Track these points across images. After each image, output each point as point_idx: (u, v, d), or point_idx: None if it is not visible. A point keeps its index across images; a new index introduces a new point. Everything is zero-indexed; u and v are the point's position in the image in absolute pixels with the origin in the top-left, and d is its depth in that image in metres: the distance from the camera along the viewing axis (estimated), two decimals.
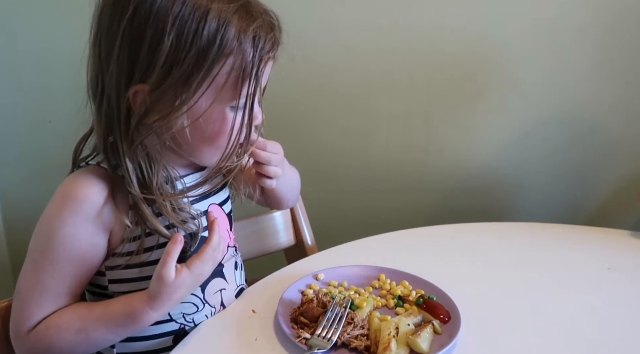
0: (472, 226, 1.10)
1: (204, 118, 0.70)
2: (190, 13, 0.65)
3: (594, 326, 0.81)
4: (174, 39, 0.65)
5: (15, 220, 1.39)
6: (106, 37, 0.68)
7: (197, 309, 0.82)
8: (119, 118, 0.69)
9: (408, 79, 1.36)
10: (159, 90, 0.67)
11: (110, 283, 0.78)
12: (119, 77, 0.68)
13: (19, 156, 1.34)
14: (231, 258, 0.88)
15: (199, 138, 0.72)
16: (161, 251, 0.74)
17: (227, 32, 0.66)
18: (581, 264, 0.98)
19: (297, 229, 1.13)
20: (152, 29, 0.65)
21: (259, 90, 0.71)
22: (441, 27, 1.31)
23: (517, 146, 1.44)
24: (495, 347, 0.77)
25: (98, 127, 0.72)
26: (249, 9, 0.69)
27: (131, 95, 0.68)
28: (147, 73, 0.66)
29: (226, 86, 0.69)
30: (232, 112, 0.71)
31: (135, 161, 0.71)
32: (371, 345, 0.74)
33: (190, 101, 0.68)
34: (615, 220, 1.47)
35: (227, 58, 0.67)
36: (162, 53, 0.65)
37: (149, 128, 0.69)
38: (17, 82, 1.28)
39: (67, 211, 0.71)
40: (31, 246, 0.73)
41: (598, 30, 1.31)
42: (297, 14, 1.27)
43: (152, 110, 0.68)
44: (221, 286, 0.85)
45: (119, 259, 0.75)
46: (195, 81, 0.67)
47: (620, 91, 1.37)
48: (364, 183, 1.47)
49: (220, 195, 0.87)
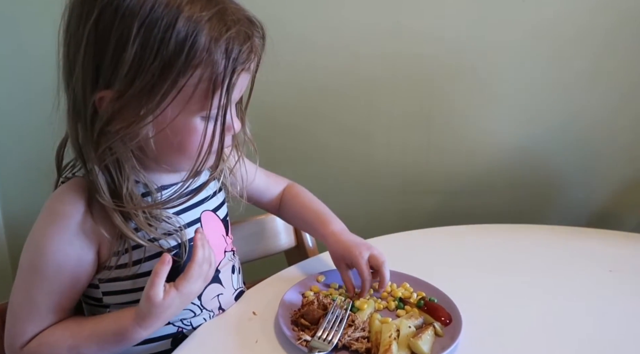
0: (473, 228, 1.10)
1: (171, 128, 0.67)
2: (157, 19, 0.61)
3: (596, 328, 0.81)
4: (139, 47, 0.61)
5: (16, 221, 1.39)
6: (73, 38, 0.65)
7: (195, 315, 0.81)
8: (85, 122, 0.67)
9: (409, 81, 1.36)
10: (122, 99, 0.64)
11: (104, 295, 0.77)
12: (84, 81, 0.65)
13: (20, 157, 1.34)
14: (228, 263, 0.87)
15: (166, 147, 0.70)
16: (150, 263, 0.74)
17: (196, 42, 0.62)
18: (583, 266, 0.97)
19: (298, 231, 1.13)
20: (116, 35, 0.62)
21: (230, 102, 0.68)
22: (442, 29, 1.31)
23: (518, 148, 1.44)
24: (496, 349, 0.77)
25: (70, 130, 0.70)
26: (223, 17, 0.65)
27: (97, 100, 0.65)
28: (112, 80, 0.63)
29: (194, 97, 0.65)
30: (203, 122, 0.68)
31: (104, 167, 0.69)
32: (372, 347, 0.74)
33: (156, 111, 0.65)
34: (617, 222, 1.46)
35: (195, 69, 0.63)
36: (125, 61, 0.62)
37: (114, 135, 0.66)
38: (18, 83, 1.28)
39: (53, 229, 0.70)
40: (21, 262, 0.72)
41: (600, 33, 1.31)
42: (298, 17, 1.27)
43: (116, 118, 0.65)
44: (218, 291, 0.84)
45: (110, 272, 0.74)
46: (160, 92, 0.63)
47: (622, 93, 1.37)
48: (365, 184, 1.46)
49: (214, 201, 0.85)
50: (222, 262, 0.85)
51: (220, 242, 0.86)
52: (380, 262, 0.84)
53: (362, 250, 0.85)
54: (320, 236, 0.93)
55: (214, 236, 0.84)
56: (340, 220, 0.94)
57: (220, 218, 0.86)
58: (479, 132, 1.42)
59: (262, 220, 1.10)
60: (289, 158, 1.38)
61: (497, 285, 0.91)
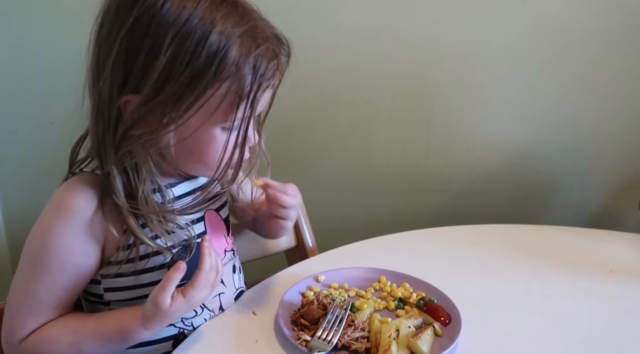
0: (473, 228, 1.10)
1: (192, 137, 0.68)
2: (191, 31, 0.63)
3: (596, 329, 0.81)
4: (171, 56, 0.63)
5: (17, 221, 1.39)
6: (105, 41, 0.67)
7: (196, 314, 0.81)
8: (108, 123, 0.68)
9: (409, 81, 1.36)
10: (149, 105, 0.65)
11: (105, 292, 0.77)
12: (112, 84, 0.66)
13: (21, 157, 1.34)
14: (229, 262, 0.87)
15: (186, 155, 0.71)
16: (157, 259, 0.75)
17: (226, 57, 0.64)
18: (583, 266, 0.97)
19: (298, 231, 1.12)
20: (150, 42, 0.63)
21: (253, 116, 0.69)
22: (443, 30, 1.31)
23: (518, 148, 1.44)
24: (496, 349, 0.77)
25: (92, 128, 0.71)
26: (254, 35, 0.66)
27: (122, 104, 0.66)
28: (140, 86, 0.65)
29: (219, 109, 0.67)
30: (224, 133, 0.70)
31: (122, 168, 0.70)
32: (372, 347, 0.74)
33: (180, 120, 0.66)
34: (617, 223, 1.46)
35: (222, 82, 0.65)
36: (156, 69, 0.63)
37: (136, 139, 0.67)
38: (20, 84, 1.28)
39: (61, 222, 0.70)
40: (23, 256, 0.72)
41: (599, 33, 1.31)
42: (299, 18, 1.28)
43: (140, 123, 0.66)
44: (219, 290, 0.84)
45: (115, 267, 0.75)
46: (186, 102, 0.65)
47: (621, 94, 1.37)
48: (365, 185, 1.46)
49: (216, 202, 0.85)
50: (222, 261, 0.85)
51: (221, 242, 0.86)
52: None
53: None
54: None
55: (216, 236, 0.84)
56: None
57: (222, 217, 0.87)
58: (478, 133, 1.42)
59: None
60: (289, 159, 1.38)
61: (497, 285, 0.91)
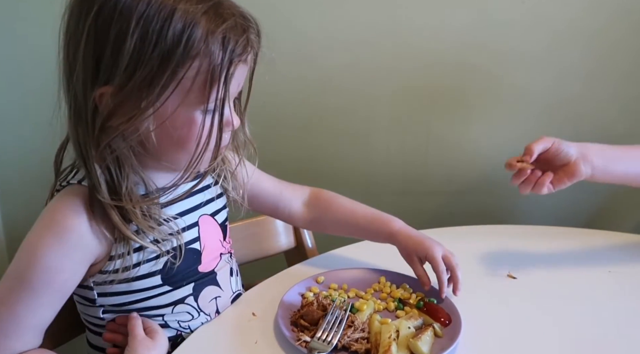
0: (473, 228, 1.10)
1: (171, 121, 0.67)
2: (155, 13, 0.63)
3: (596, 329, 0.81)
4: (138, 39, 0.63)
5: (15, 221, 1.39)
6: (73, 37, 0.66)
7: (193, 318, 0.81)
8: (86, 120, 0.67)
9: (409, 82, 1.36)
10: (123, 92, 0.64)
11: (99, 297, 0.77)
12: (84, 79, 0.65)
13: (20, 157, 1.34)
14: (226, 265, 0.87)
15: (166, 142, 0.69)
16: (149, 265, 0.75)
17: (193, 33, 0.64)
18: (582, 267, 0.97)
19: (298, 231, 1.13)
20: (115, 29, 0.63)
21: (229, 95, 0.68)
22: (442, 29, 1.31)
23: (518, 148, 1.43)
24: (495, 350, 0.77)
25: (71, 132, 0.70)
26: (219, 11, 0.66)
27: (97, 97, 0.66)
28: (112, 75, 0.64)
29: (193, 89, 0.66)
30: (202, 115, 0.68)
31: (104, 165, 0.68)
32: (371, 348, 0.74)
33: (156, 104, 0.65)
34: (616, 223, 1.46)
35: (193, 60, 0.64)
36: (125, 54, 0.63)
37: (114, 130, 0.66)
38: (18, 83, 1.28)
39: (52, 241, 0.69)
40: (9, 270, 0.70)
41: (602, 31, 1.31)
42: (298, 17, 1.28)
43: (117, 113, 0.66)
44: (216, 294, 0.84)
45: (107, 275, 0.74)
46: (159, 84, 0.64)
47: (623, 93, 1.37)
48: (365, 185, 1.46)
49: (213, 206, 0.85)
50: (219, 264, 0.85)
51: (217, 246, 0.85)
52: (454, 264, 0.85)
53: (436, 245, 0.86)
54: (386, 236, 0.92)
55: (211, 240, 0.84)
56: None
57: (218, 222, 0.86)
58: (478, 133, 1.42)
59: (261, 220, 1.10)
60: (289, 160, 1.38)
61: (496, 286, 0.92)
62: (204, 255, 0.82)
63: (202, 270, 0.82)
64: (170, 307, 0.79)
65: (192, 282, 0.81)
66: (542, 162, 0.90)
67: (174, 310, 0.80)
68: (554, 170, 0.90)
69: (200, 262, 0.81)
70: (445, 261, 0.85)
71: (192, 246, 0.80)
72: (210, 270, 0.83)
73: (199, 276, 0.82)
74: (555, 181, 0.90)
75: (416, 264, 0.87)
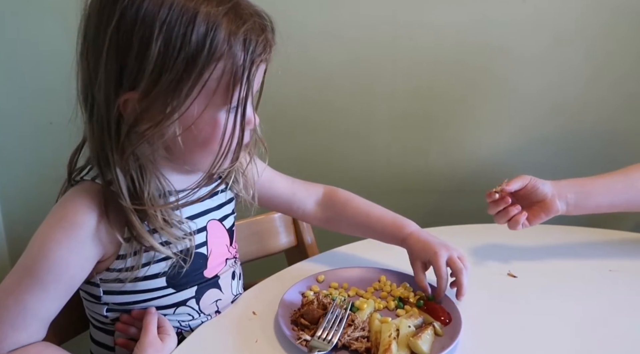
0: (473, 227, 1.10)
1: (197, 124, 0.68)
2: (177, 18, 0.63)
3: (596, 328, 0.81)
4: (162, 44, 0.63)
5: (16, 221, 1.39)
6: (93, 46, 0.66)
7: (193, 318, 0.82)
8: (109, 128, 0.67)
9: (409, 81, 1.36)
10: (149, 98, 0.65)
11: (104, 294, 0.77)
12: (107, 86, 0.66)
13: (20, 157, 1.34)
14: (229, 269, 0.87)
15: (191, 144, 0.70)
16: (156, 267, 0.75)
17: (216, 36, 0.64)
18: (583, 265, 0.97)
19: (298, 230, 1.13)
20: (139, 35, 0.63)
21: (251, 94, 0.69)
22: (442, 29, 1.31)
23: (517, 147, 1.43)
24: (496, 349, 0.77)
25: (90, 139, 0.71)
26: (239, 11, 0.67)
27: (121, 104, 0.66)
28: (137, 81, 0.64)
29: (218, 91, 0.67)
30: (224, 116, 0.69)
31: (127, 172, 0.69)
32: (372, 347, 0.74)
33: (182, 108, 0.66)
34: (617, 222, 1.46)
35: (217, 62, 0.65)
36: (150, 59, 0.63)
37: (141, 137, 0.67)
38: (18, 83, 1.28)
39: (63, 235, 0.70)
40: (19, 262, 0.71)
41: (600, 30, 1.31)
42: (296, 17, 1.27)
43: (143, 119, 0.66)
44: (217, 297, 0.84)
45: (114, 274, 0.75)
46: (185, 87, 0.65)
47: (621, 91, 1.37)
48: (365, 184, 1.46)
49: (221, 211, 0.86)
50: (222, 269, 0.85)
51: (223, 251, 0.86)
52: (459, 268, 0.84)
53: (441, 249, 0.85)
54: (399, 241, 0.92)
55: (217, 245, 0.84)
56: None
57: (226, 228, 0.87)
58: (479, 132, 1.42)
59: (262, 219, 1.10)
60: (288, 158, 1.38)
61: (497, 285, 0.92)
62: (210, 259, 0.82)
63: (207, 274, 0.82)
64: (172, 308, 0.80)
65: (195, 285, 0.81)
66: (520, 198, 0.96)
67: (175, 311, 0.80)
68: (531, 205, 0.96)
69: (206, 267, 0.82)
70: (452, 265, 0.84)
71: (199, 250, 0.80)
72: (214, 275, 0.84)
73: (203, 280, 0.82)
74: (532, 216, 0.95)
75: (417, 269, 0.88)
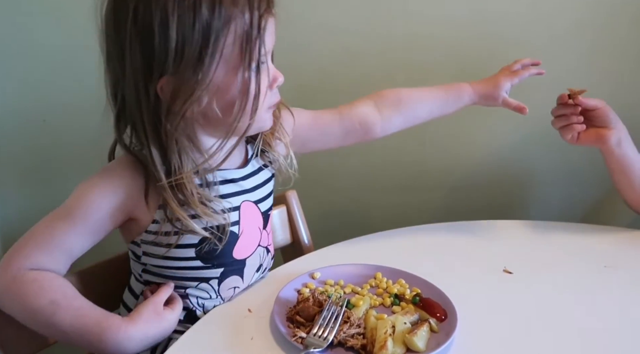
0: (469, 224, 1.10)
1: (226, 88, 0.72)
2: None
3: (592, 324, 0.81)
4: (178, 22, 0.67)
5: (11, 219, 1.38)
6: (115, 46, 0.71)
7: (210, 297, 0.84)
8: (142, 120, 0.72)
9: (406, 77, 1.36)
10: (177, 75, 0.69)
11: (143, 255, 0.82)
12: (136, 80, 0.70)
13: (13, 155, 1.33)
14: (257, 260, 0.87)
15: (227, 109, 0.74)
16: (189, 237, 0.78)
17: (222, 1, 0.69)
18: (578, 262, 0.98)
19: (294, 227, 1.12)
20: (157, 20, 0.67)
21: (267, 49, 0.73)
22: (440, 25, 1.31)
23: (515, 145, 1.44)
24: (492, 345, 0.77)
25: (118, 135, 0.77)
26: None
27: (159, 91, 0.71)
28: (166, 64, 0.69)
29: (235, 52, 0.71)
30: (249, 74, 0.73)
31: (167, 160, 0.74)
32: (367, 344, 0.74)
33: (209, 75, 0.70)
34: (612, 218, 1.47)
35: (229, 25, 0.69)
36: (172, 40, 0.67)
37: (177, 115, 0.71)
38: (11, 81, 1.27)
39: (102, 181, 0.77)
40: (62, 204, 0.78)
41: (600, 26, 1.31)
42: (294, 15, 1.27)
43: (178, 95, 0.70)
44: (236, 284, 0.85)
45: (151, 236, 0.79)
46: (207, 55, 0.69)
47: (619, 89, 1.37)
48: (361, 181, 1.46)
49: (258, 193, 0.86)
50: (252, 256, 0.86)
51: (255, 233, 0.87)
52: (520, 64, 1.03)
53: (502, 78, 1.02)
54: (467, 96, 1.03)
55: (249, 226, 0.85)
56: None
57: (261, 211, 0.88)
58: (477, 129, 1.42)
59: None
60: None
61: (493, 281, 0.92)
62: (240, 239, 0.83)
63: (236, 255, 0.83)
64: (196, 282, 0.82)
65: (222, 268, 0.83)
66: (585, 117, 1.00)
67: (197, 286, 0.82)
68: (588, 128, 1.01)
69: (235, 246, 0.83)
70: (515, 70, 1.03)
71: (231, 229, 0.81)
72: (243, 258, 0.84)
73: (230, 262, 0.83)
74: (584, 136, 1.01)
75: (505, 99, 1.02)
